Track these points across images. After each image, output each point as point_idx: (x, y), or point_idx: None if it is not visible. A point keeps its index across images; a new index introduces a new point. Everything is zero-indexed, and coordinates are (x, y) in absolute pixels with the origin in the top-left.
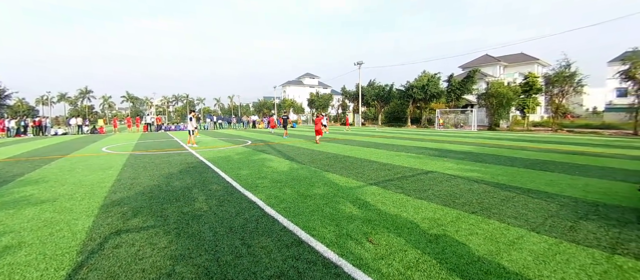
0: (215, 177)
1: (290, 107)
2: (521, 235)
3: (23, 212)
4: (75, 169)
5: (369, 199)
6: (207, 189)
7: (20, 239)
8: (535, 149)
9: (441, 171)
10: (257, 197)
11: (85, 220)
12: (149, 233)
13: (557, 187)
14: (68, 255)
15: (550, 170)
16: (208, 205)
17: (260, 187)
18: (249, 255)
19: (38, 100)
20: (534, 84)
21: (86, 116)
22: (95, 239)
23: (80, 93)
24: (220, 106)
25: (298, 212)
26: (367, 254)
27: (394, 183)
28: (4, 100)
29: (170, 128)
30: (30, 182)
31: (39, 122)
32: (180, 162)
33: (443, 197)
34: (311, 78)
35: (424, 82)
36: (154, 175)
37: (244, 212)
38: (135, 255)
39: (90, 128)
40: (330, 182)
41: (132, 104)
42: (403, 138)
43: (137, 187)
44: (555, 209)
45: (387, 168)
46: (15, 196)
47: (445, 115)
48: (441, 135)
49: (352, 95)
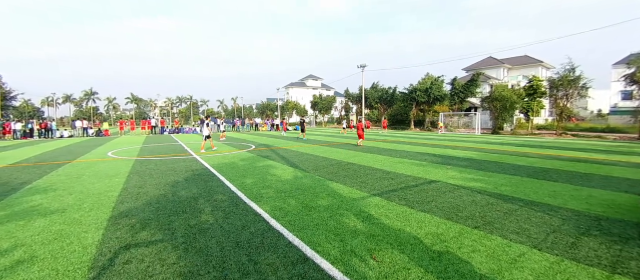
0: (220, 186)
1: (293, 109)
2: (523, 253)
3: (33, 224)
4: (82, 176)
5: (373, 211)
6: (212, 199)
7: (32, 252)
8: (538, 156)
9: (444, 180)
10: (262, 209)
11: (95, 233)
12: (157, 247)
13: (560, 198)
14: (80, 271)
15: (553, 180)
16: (214, 217)
17: (265, 198)
18: (255, 272)
19: (43, 102)
20: (538, 87)
21: (91, 118)
22: (106, 253)
23: (85, 94)
24: (223, 108)
25: (303, 226)
26: (371, 272)
27: (397, 194)
28: (10, 101)
29: (180, 130)
30: (39, 190)
31: (45, 124)
32: (186, 169)
33: (446, 209)
34: (314, 80)
35: (428, 85)
36: (160, 183)
37: (250, 226)
38: (146, 271)
39: (95, 130)
40: (334, 192)
41: (137, 105)
42: (405, 142)
43: (144, 197)
44: (557, 223)
45: (390, 177)
46: (25, 206)
47: (448, 118)
48: (444, 140)
49: (355, 98)
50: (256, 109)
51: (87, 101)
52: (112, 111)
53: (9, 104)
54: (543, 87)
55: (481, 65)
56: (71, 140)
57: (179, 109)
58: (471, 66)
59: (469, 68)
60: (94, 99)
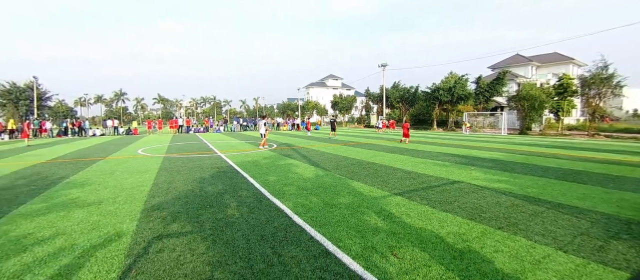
0: (244, 182)
1: (313, 108)
2: (548, 254)
3: (72, 215)
4: (115, 172)
5: (394, 210)
6: (237, 195)
7: (72, 241)
8: (568, 157)
9: (468, 181)
10: (285, 205)
11: (129, 224)
12: (187, 238)
13: (589, 201)
14: (117, 258)
15: (583, 182)
16: (239, 212)
17: (287, 195)
18: (280, 264)
19: (76, 102)
20: (569, 86)
21: (120, 117)
22: (140, 243)
23: (115, 95)
24: (245, 108)
25: (324, 222)
26: (392, 268)
27: (418, 193)
28: (45, 102)
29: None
30: (76, 184)
31: (79, 123)
32: (211, 167)
33: (469, 210)
34: (334, 80)
35: (451, 84)
36: (188, 179)
37: (273, 220)
38: (177, 260)
39: (125, 129)
40: (355, 191)
41: (163, 105)
42: (428, 143)
43: (173, 192)
44: (585, 226)
45: (412, 177)
46: (64, 198)
47: (473, 118)
48: (468, 140)
49: (376, 97)
50: (277, 109)
51: (117, 101)
52: (140, 111)
53: (45, 105)
54: (574, 86)
55: (508, 63)
56: (103, 138)
57: (203, 108)
58: (497, 64)
59: (494, 66)
60: (123, 99)
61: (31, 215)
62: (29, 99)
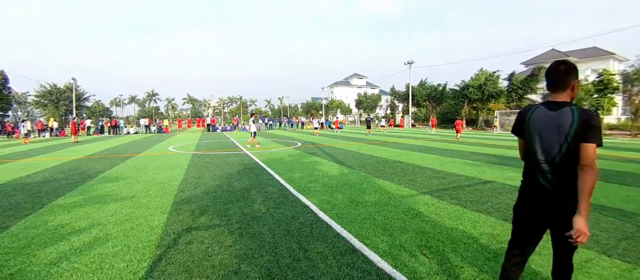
0: (270, 179)
1: (337, 107)
2: (590, 258)
3: (107, 207)
4: (147, 168)
5: (422, 209)
6: (263, 191)
7: (107, 231)
8: (610, 158)
9: (501, 181)
10: (310, 201)
11: (160, 216)
12: (215, 231)
13: (634, 204)
14: (148, 248)
15: (627, 184)
16: (266, 207)
17: (312, 191)
18: (306, 259)
19: (112, 102)
20: (610, 82)
21: (153, 116)
22: (170, 234)
23: (147, 95)
24: (270, 107)
25: (350, 219)
26: (422, 267)
27: (448, 193)
28: (83, 102)
29: (226, 128)
30: (111, 179)
31: (115, 122)
32: (238, 163)
33: (503, 211)
34: (359, 78)
35: (481, 81)
36: (216, 175)
37: (299, 216)
38: (205, 252)
39: (156, 128)
40: (381, 188)
41: (192, 105)
42: (457, 142)
43: (202, 187)
44: (630, 229)
45: (440, 176)
46: (99, 192)
47: (505, 116)
48: (499, 139)
49: (401, 96)
50: (301, 108)
51: (149, 101)
52: (170, 111)
53: (83, 105)
54: (615, 82)
55: (543, 59)
56: (136, 136)
57: (230, 108)
58: (531, 60)
59: (528, 62)
60: (155, 99)
61: (68, 207)
62: (69, 99)
